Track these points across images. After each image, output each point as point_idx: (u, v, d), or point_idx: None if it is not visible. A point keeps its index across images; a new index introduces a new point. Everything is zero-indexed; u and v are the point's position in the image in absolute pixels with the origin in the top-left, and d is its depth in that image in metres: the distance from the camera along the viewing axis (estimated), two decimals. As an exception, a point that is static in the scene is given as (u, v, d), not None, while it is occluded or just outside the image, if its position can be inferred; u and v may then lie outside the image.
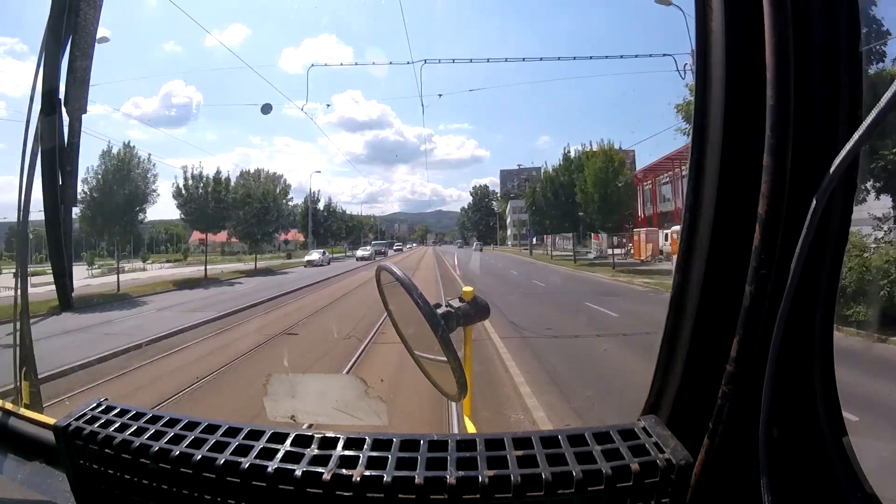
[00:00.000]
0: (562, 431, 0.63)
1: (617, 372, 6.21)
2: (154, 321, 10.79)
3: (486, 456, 0.59)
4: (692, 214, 0.63)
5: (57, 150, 1.06)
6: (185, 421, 0.71)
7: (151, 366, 7.23)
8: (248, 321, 10.63)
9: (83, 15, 1.04)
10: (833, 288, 0.58)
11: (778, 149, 0.52)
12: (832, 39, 0.55)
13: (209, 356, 7.55)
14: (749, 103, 0.56)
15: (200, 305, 13.13)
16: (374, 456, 0.60)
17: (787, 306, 0.53)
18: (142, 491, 0.66)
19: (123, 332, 9.49)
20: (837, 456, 0.58)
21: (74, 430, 0.72)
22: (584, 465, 0.57)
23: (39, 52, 1.04)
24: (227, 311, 11.57)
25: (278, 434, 0.66)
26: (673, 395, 0.66)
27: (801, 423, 0.59)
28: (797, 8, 0.53)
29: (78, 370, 6.83)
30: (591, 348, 7.58)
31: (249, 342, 8.29)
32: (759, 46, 0.53)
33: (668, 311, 0.66)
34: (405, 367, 5.20)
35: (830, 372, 0.59)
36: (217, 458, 0.62)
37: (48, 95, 1.06)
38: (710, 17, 0.60)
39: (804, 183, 0.53)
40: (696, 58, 0.62)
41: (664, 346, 0.68)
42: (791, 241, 0.52)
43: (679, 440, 0.61)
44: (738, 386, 0.57)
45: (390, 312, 0.96)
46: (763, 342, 0.55)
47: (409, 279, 0.78)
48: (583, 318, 10.14)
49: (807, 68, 0.54)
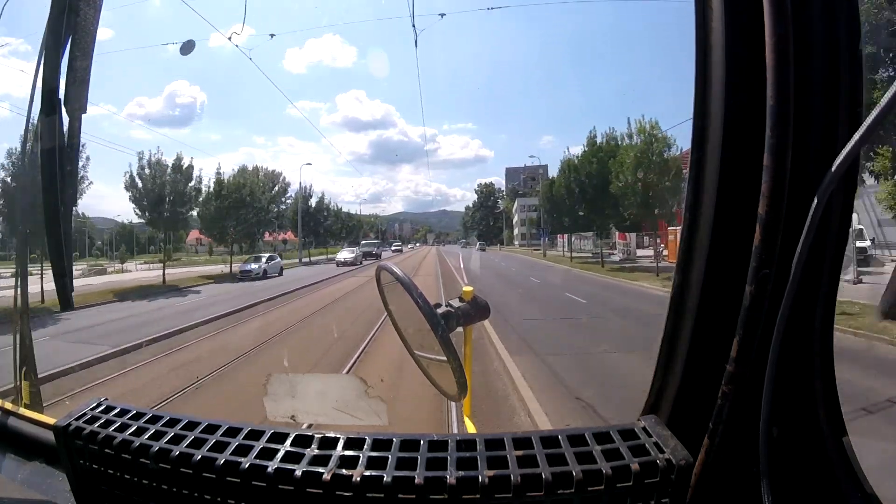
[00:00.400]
0: (562, 431, 0.63)
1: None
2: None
3: (486, 456, 0.59)
4: (692, 214, 0.63)
5: (57, 150, 1.06)
6: (185, 421, 0.71)
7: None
8: (155, 361, 7.24)
9: (83, 15, 1.04)
10: (833, 288, 0.58)
11: (778, 149, 0.52)
12: (832, 39, 0.55)
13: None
14: (749, 103, 0.56)
15: (109, 331, 9.51)
16: (374, 456, 0.60)
17: (787, 306, 0.53)
18: (142, 491, 0.66)
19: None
20: (837, 456, 0.58)
21: (74, 430, 0.72)
22: (584, 465, 0.57)
23: (39, 52, 1.04)
24: (129, 344, 8.07)
25: (278, 434, 0.66)
26: (673, 395, 0.66)
27: (801, 423, 0.59)
28: (797, 8, 0.53)
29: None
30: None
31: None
32: (759, 46, 0.53)
33: (668, 311, 0.66)
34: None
35: (830, 372, 0.59)
36: (217, 458, 0.62)
37: (48, 95, 1.06)
38: (710, 17, 0.60)
39: (804, 183, 0.53)
40: (696, 58, 0.62)
41: (664, 346, 0.68)
42: (791, 241, 0.52)
43: (679, 440, 0.61)
44: (738, 386, 0.57)
45: (390, 312, 0.96)
46: (763, 342, 0.55)
47: (409, 278, 0.78)
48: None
49: (807, 68, 0.54)
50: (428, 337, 0.76)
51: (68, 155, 1.09)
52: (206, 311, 11.65)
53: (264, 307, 12.61)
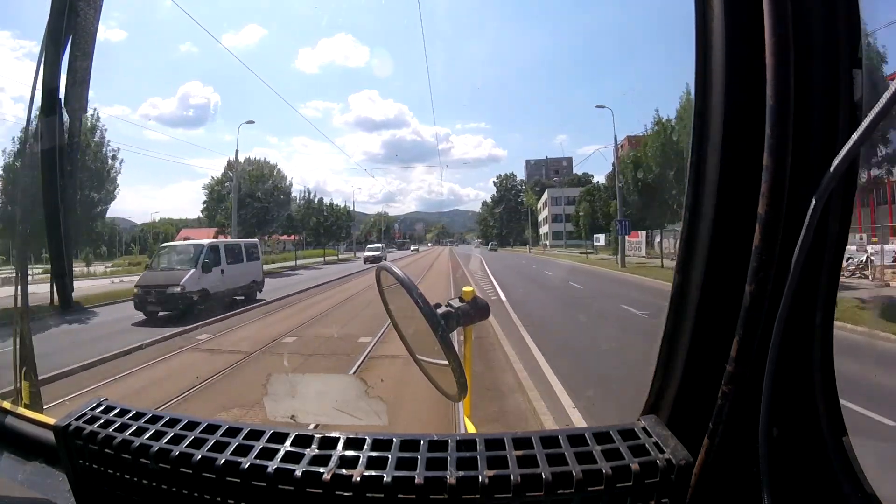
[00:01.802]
0: (562, 431, 0.63)
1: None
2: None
3: (486, 456, 0.59)
4: (692, 214, 0.63)
5: (57, 150, 1.06)
6: (185, 421, 0.71)
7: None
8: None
9: (83, 15, 1.04)
10: (833, 288, 0.58)
11: (778, 149, 0.52)
12: (832, 39, 0.55)
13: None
14: (749, 103, 0.56)
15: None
16: (374, 456, 0.60)
17: (786, 306, 0.53)
18: (142, 491, 0.66)
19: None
20: (837, 456, 0.58)
21: (74, 430, 0.72)
22: (584, 464, 0.57)
23: (39, 52, 1.04)
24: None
25: (278, 434, 0.66)
26: (673, 395, 0.66)
27: (801, 422, 0.59)
28: (797, 8, 0.53)
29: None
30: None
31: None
32: (759, 47, 0.53)
33: (668, 311, 0.66)
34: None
35: (830, 372, 0.59)
36: (217, 458, 0.62)
37: (48, 95, 1.06)
38: (710, 17, 0.60)
39: (804, 183, 0.53)
40: (696, 58, 0.62)
41: (664, 345, 0.68)
42: (791, 241, 0.52)
43: (679, 440, 0.61)
44: (738, 386, 0.57)
45: (390, 312, 0.96)
46: (763, 342, 0.55)
47: (409, 278, 0.78)
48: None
49: (807, 68, 0.54)
50: (428, 337, 0.76)
51: (68, 155, 1.09)
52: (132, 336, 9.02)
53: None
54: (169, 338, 8.75)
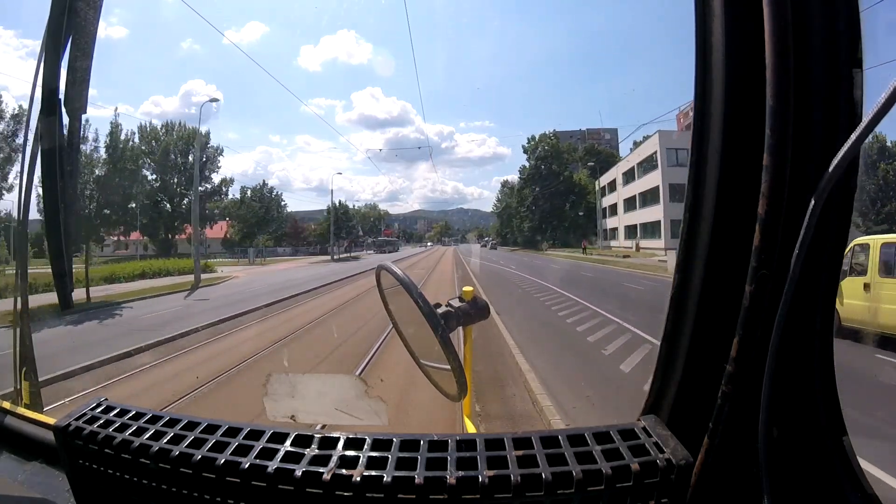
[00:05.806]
0: (562, 431, 0.63)
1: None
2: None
3: (486, 456, 0.59)
4: (692, 214, 0.63)
5: (57, 150, 1.06)
6: (184, 421, 0.71)
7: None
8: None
9: (83, 15, 1.04)
10: (833, 288, 0.58)
11: (778, 149, 0.52)
12: (832, 39, 0.55)
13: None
14: (749, 103, 0.56)
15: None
16: (374, 456, 0.60)
17: (786, 306, 0.53)
18: (141, 491, 0.66)
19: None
20: (837, 456, 0.58)
21: (74, 430, 0.72)
22: (584, 464, 0.57)
23: (39, 52, 1.04)
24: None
25: (278, 434, 0.66)
26: (673, 395, 0.66)
27: (801, 422, 0.59)
28: (797, 8, 0.53)
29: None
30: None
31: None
32: (759, 47, 0.53)
33: (668, 311, 0.66)
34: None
35: (830, 372, 0.59)
36: (217, 457, 0.62)
37: (48, 95, 1.06)
38: (711, 16, 0.60)
39: (804, 183, 0.53)
40: (696, 58, 0.62)
41: (664, 345, 0.68)
42: (791, 241, 0.52)
43: (679, 440, 0.61)
44: (738, 386, 0.57)
45: (390, 312, 0.96)
46: (763, 342, 0.55)
47: (409, 278, 0.78)
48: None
49: (807, 68, 0.54)
50: (428, 337, 0.76)
51: (68, 155, 1.09)
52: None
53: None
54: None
